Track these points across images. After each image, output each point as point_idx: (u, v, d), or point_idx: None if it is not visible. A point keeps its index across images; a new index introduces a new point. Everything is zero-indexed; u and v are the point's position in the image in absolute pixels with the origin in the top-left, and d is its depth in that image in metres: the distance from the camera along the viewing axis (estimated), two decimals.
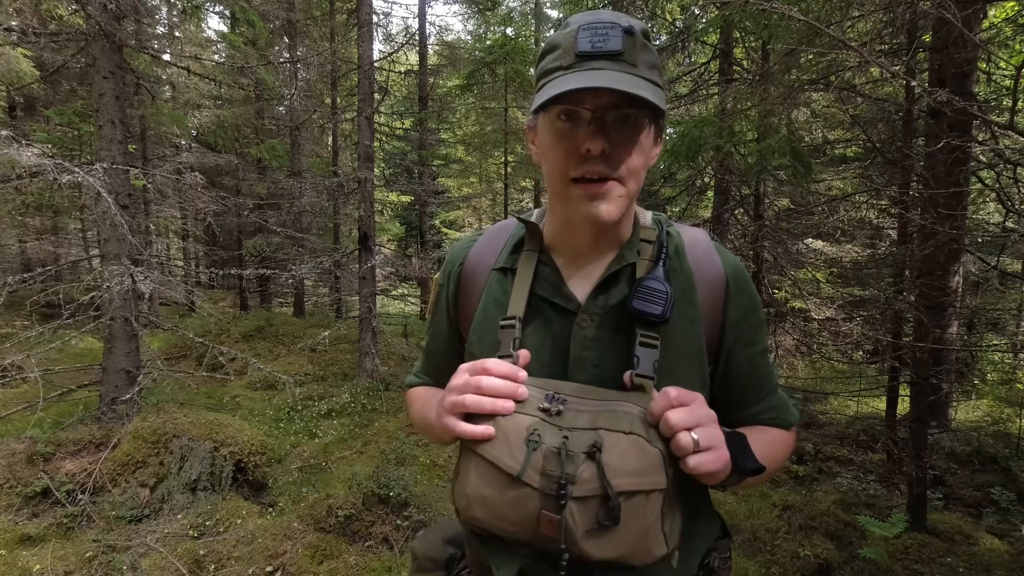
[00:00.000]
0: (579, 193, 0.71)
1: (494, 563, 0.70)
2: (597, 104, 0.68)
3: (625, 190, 0.72)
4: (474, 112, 11.78)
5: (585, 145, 0.69)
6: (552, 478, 0.62)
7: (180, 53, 8.11)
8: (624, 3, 5.19)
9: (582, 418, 0.65)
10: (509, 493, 0.63)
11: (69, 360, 6.75)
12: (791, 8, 2.28)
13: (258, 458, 3.92)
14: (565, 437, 0.63)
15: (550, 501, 0.61)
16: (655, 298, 0.72)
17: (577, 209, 0.73)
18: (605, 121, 0.69)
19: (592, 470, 0.61)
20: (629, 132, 0.70)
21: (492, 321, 0.81)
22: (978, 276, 7.08)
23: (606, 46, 0.68)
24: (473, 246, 0.91)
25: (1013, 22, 4.11)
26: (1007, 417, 5.55)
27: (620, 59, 0.68)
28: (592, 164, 0.70)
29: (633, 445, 0.62)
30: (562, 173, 0.73)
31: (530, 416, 0.66)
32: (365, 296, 6.59)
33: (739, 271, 0.82)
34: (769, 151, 3.42)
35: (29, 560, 2.86)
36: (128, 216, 4.10)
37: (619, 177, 0.71)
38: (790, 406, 0.87)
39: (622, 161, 0.70)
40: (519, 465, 0.63)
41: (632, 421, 0.64)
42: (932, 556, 3.03)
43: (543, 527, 0.62)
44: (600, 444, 0.62)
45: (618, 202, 0.72)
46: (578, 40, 0.69)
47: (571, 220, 0.77)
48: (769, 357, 0.87)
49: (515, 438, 0.64)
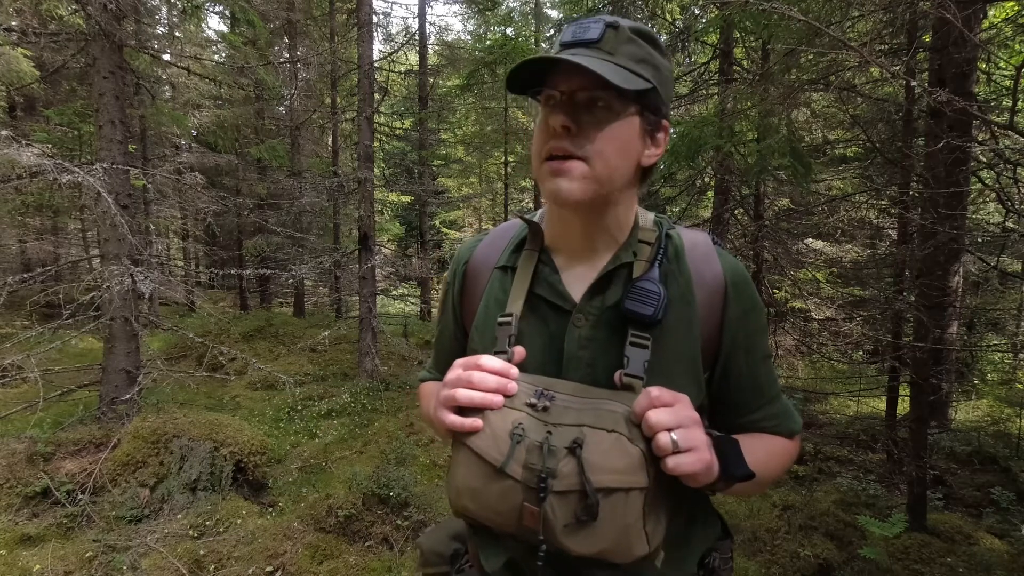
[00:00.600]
0: (547, 169, 0.74)
1: (483, 554, 0.73)
2: (568, 87, 0.72)
3: (590, 171, 0.71)
4: (474, 112, 11.78)
5: (550, 122, 0.72)
6: (533, 471, 0.63)
7: (180, 53, 8.11)
8: (624, 3, 5.19)
9: (568, 415, 0.67)
10: (494, 485, 0.66)
11: (69, 360, 6.75)
12: (791, 8, 2.28)
13: (258, 458, 3.92)
14: (549, 432, 0.65)
15: (531, 494, 0.63)
16: (648, 299, 0.73)
17: (546, 186, 0.75)
18: (574, 101, 0.72)
19: (572, 465, 0.62)
20: (600, 115, 0.72)
21: (492, 318, 0.83)
22: (978, 276, 7.08)
23: (585, 36, 0.72)
24: (478, 245, 0.93)
25: (1013, 22, 4.11)
26: (1007, 417, 5.55)
27: (596, 46, 0.71)
28: (556, 141, 0.72)
29: (615, 443, 0.63)
30: (537, 153, 0.76)
31: (517, 411, 0.68)
32: (365, 296, 6.59)
33: (739, 275, 0.82)
34: (769, 151, 3.42)
35: (29, 560, 2.86)
36: (128, 216, 4.10)
37: (584, 156, 0.71)
38: (793, 414, 0.86)
39: (588, 140, 0.71)
40: (503, 457, 0.65)
41: (616, 419, 0.65)
42: (932, 556, 3.03)
43: (526, 519, 0.64)
44: (582, 440, 0.63)
45: (581, 183, 0.72)
46: (564, 32, 0.75)
47: (549, 201, 0.79)
48: (771, 364, 0.86)
49: (501, 431, 0.67)
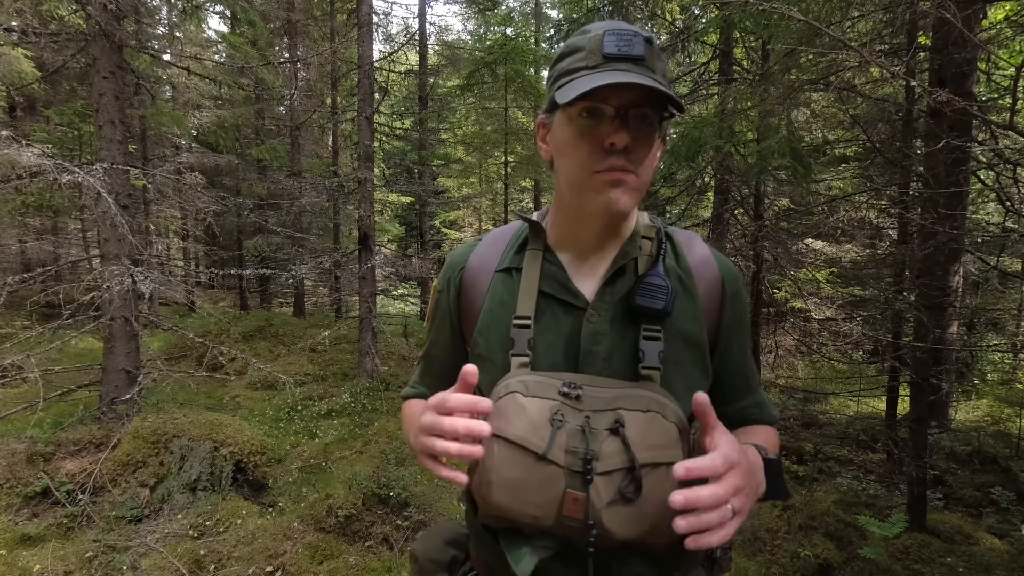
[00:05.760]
0: (602, 180, 0.74)
1: (513, 556, 0.70)
2: (620, 102, 0.72)
3: (640, 183, 0.76)
4: (474, 112, 11.77)
5: (610, 139, 0.72)
6: (577, 454, 0.65)
7: (180, 53, 8.12)
8: (624, 3, 5.19)
9: (601, 402, 0.70)
10: (535, 473, 0.66)
11: (69, 360, 6.75)
12: (791, 8, 2.28)
13: (258, 458, 3.92)
14: (587, 417, 0.68)
15: (576, 478, 0.65)
16: (657, 293, 0.76)
17: (596, 198, 0.75)
18: (627, 118, 0.73)
19: (616, 444, 0.65)
20: (647, 130, 0.74)
21: (499, 321, 0.83)
22: (978, 276, 7.08)
23: (631, 51, 0.73)
24: (474, 250, 0.93)
25: (1013, 22, 4.11)
26: (1007, 417, 5.55)
27: (643, 64, 0.73)
28: (615, 158, 0.73)
29: (652, 421, 0.67)
30: (585, 167, 0.75)
31: (551, 400, 0.70)
32: (365, 296, 6.59)
33: (734, 274, 0.86)
34: (769, 151, 3.42)
35: (29, 560, 2.86)
36: (128, 216, 4.10)
37: (635, 171, 0.74)
38: (771, 403, 0.94)
39: (641, 157, 0.75)
40: (545, 443, 0.66)
41: (648, 401, 0.68)
42: (932, 556, 3.03)
43: (567, 507, 0.65)
44: (622, 420, 0.66)
45: (633, 195, 0.76)
46: (604, 43, 0.73)
47: (587, 210, 0.79)
48: (751, 356, 0.93)
49: (539, 419, 0.68)
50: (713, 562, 0.83)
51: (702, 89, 6.54)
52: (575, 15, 6.15)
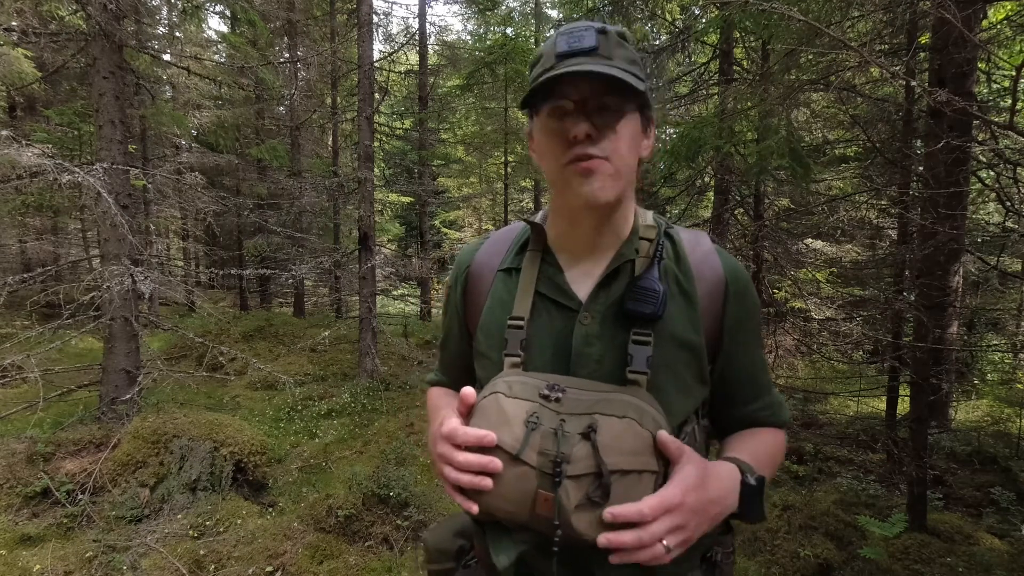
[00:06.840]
0: (573, 172, 0.76)
1: (495, 549, 0.74)
2: (580, 95, 0.75)
3: (614, 169, 0.76)
4: (474, 112, 11.77)
5: (572, 132, 0.74)
6: (548, 456, 0.66)
7: (180, 53, 8.12)
8: (624, 3, 5.20)
9: (580, 405, 0.70)
10: (510, 472, 0.68)
11: (69, 360, 6.75)
12: (791, 8, 2.28)
13: (258, 458, 3.92)
14: (562, 420, 0.68)
15: (546, 479, 0.66)
16: (648, 298, 0.76)
17: (576, 191, 0.76)
18: (587, 109, 0.75)
19: (586, 449, 0.65)
20: (611, 117, 0.76)
21: (498, 320, 0.85)
22: (978, 276, 7.08)
23: (581, 44, 0.75)
24: (479, 249, 0.95)
25: (1013, 22, 4.11)
26: (1007, 417, 5.55)
27: (595, 54, 0.75)
28: (580, 147, 0.75)
29: (627, 427, 0.67)
30: (558, 161, 0.78)
31: (530, 402, 0.71)
32: (365, 296, 6.59)
33: (739, 273, 0.85)
34: (768, 151, 3.42)
35: (29, 560, 2.86)
36: (128, 216, 4.10)
37: (606, 157, 0.75)
38: (783, 403, 0.92)
39: (610, 143, 0.76)
40: (519, 445, 0.67)
41: (626, 407, 0.68)
42: (932, 556, 3.03)
43: (539, 506, 0.66)
44: (595, 425, 0.67)
45: (608, 181, 0.76)
46: (557, 44, 0.77)
47: (571, 204, 0.81)
48: (764, 354, 0.91)
49: (516, 420, 0.69)
50: (713, 565, 0.82)
51: (702, 89, 6.54)
52: (575, 15, 6.15)
